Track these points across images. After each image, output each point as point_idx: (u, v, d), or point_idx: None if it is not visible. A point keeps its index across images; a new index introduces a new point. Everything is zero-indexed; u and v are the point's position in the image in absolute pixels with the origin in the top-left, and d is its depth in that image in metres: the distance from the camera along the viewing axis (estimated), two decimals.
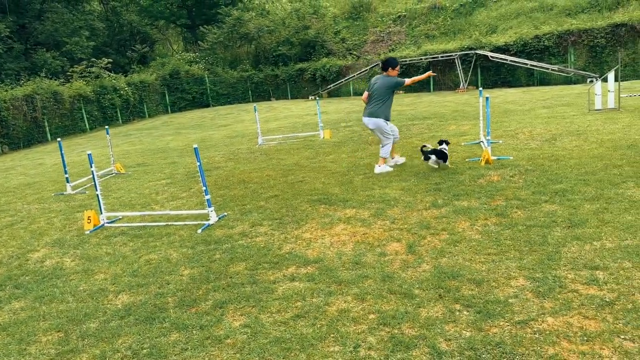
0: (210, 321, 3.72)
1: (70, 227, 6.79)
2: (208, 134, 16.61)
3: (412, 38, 28.75)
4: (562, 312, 3.32)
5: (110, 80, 25.20)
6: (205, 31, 33.09)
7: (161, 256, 5.23)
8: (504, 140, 9.04)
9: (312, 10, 32.28)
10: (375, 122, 7.75)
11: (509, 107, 14.06)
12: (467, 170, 7.14)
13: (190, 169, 9.97)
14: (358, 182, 7.36)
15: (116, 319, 3.94)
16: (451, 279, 3.91)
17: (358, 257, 4.59)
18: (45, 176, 11.48)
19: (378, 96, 7.71)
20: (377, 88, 7.71)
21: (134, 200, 7.92)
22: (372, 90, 7.76)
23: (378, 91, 7.70)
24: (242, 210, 6.62)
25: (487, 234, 4.74)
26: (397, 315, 3.48)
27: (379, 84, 7.70)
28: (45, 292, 4.65)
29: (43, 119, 21.10)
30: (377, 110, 7.71)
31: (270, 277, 4.39)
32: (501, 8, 27.22)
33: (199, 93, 30.46)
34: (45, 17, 29.80)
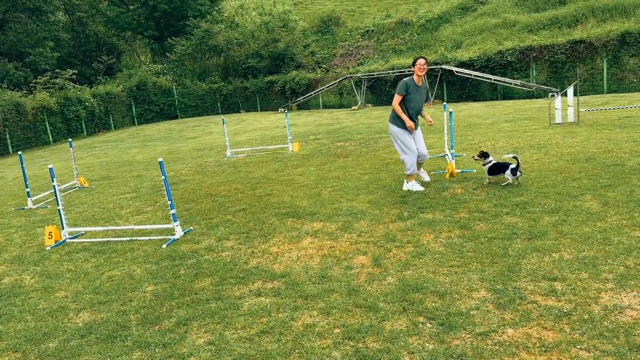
0: (174, 339, 3.67)
1: (30, 243, 6.59)
2: (175, 146, 16.43)
3: (380, 52, 29.20)
4: (522, 323, 3.40)
5: (75, 92, 24.70)
6: (174, 43, 32.87)
7: (124, 272, 5.13)
8: (467, 154, 9.24)
9: (282, 23, 32.50)
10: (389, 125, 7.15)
11: (473, 120, 14.39)
12: (432, 183, 7.27)
13: (156, 182, 9.83)
14: (326, 195, 7.40)
15: (76, 337, 3.84)
16: (415, 292, 3.96)
17: (324, 270, 4.61)
18: (5, 190, 11.13)
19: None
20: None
21: (97, 214, 7.76)
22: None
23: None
24: (209, 224, 6.56)
25: (451, 246, 4.83)
26: (362, 329, 3.50)
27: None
28: (3, 311, 4.50)
29: (4, 131, 20.50)
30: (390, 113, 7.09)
31: (236, 293, 4.36)
32: (466, 24, 27.96)
33: (167, 105, 30.16)
34: (8, 27, 29.10)
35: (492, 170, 6.79)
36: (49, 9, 31.33)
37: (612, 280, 3.84)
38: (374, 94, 25.74)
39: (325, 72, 28.90)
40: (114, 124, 27.25)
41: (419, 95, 6.83)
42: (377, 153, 10.47)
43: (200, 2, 34.53)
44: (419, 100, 6.85)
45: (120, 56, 38.73)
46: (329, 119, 19.95)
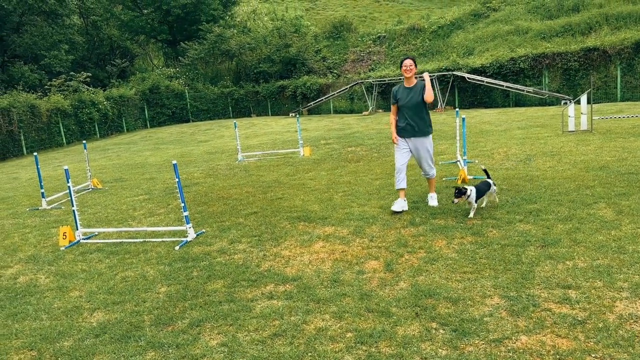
0: (187, 340, 3.69)
1: (45, 243, 6.67)
2: (187, 149, 16.53)
3: (391, 58, 29.22)
4: (536, 330, 3.38)
5: (88, 95, 24.97)
6: (186, 47, 33.14)
7: (138, 273, 5.17)
8: (479, 160, 9.22)
9: (294, 28, 32.65)
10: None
11: (485, 127, 14.34)
12: (444, 189, 7.26)
13: (169, 185, 9.91)
14: (337, 199, 7.41)
15: (91, 337, 3.88)
16: (428, 297, 3.96)
17: (336, 275, 4.61)
18: (19, 191, 11.27)
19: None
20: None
21: (110, 216, 7.83)
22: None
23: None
24: (221, 227, 6.59)
25: (464, 253, 4.81)
26: (375, 333, 3.50)
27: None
28: (19, 309, 4.55)
29: (19, 133, 20.76)
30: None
31: (248, 295, 4.38)
32: (478, 31, 27.92)
33: (179, 108, 30.38)
34: (24, 30, 29.52)
35: (478, 195, 5.89)
36: (64, 12, 31.74)
37: (627, 289, 3.81)
38: (385, 99, 25.75)
39: (336, 77, 28.98)
40: (127, 127, 27.50)
41: (409, 96, 6.33)
42: (388, 158, 10.47)
43: (213, 7, 34.81)
44: (412, 101, 6.31)
45: (133, 60, 39.12)
46: (339, 124, 19.98)
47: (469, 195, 5.78)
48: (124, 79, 33.42)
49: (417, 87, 6.36)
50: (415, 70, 6.31)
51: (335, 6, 44.92)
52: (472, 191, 5.78)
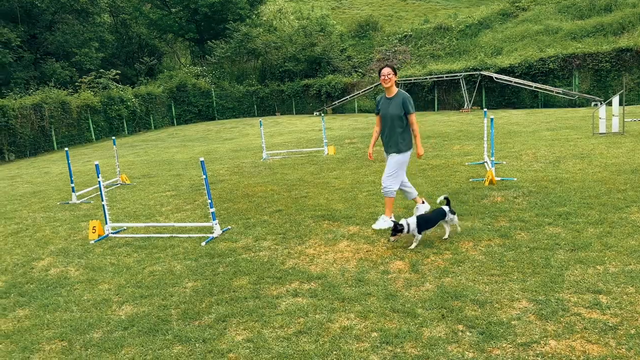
0: (213, 335, 3.74)
1: (75, 236, 6.82)
2: (213, 147, 16.70)
3: (417, 57, 29.00)
4: (565, 335, 3.32)
5: (117, 92, 25.43)
6: (213, 46, 33.46)
7: (165, 268, 5.25)
8: (507, 162, 9.08)
9: (319, 27, 32.65)
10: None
11: (513, 128, 14.13)
12: (471, 191, 7.18)
13: (195, 182, 10.02)
14: (362, 199, 7.39)
15: (119, 329, 3.96)
16: (454, 299, 3.92)
17: (361, 274, 4.61)
18: (50, 185, 11.55)
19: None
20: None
21: (138, 211, 7.96)
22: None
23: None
24: (246, 224, 6.65)
25: (491, 255, 4.75)
26: (400, 334, 3.49)
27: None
28: (50, 300, 4.67)
29: (50, 128, 21.27)
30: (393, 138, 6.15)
31: (274, 292, 4.41)
32: (507, 30, 27.50)
33: (205, 106, 30.70)
34: (56, 28, 30.21)
35: (424, 225, 5.21)
36: (95, 10, 32.38)
37: None
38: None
39: (361, 76, 28.88)
40: (154, 124, 27.91)
41: (388, 108, 5.89)
42: (412, 159, 10.37)
43: (240, 6, 35.07)
44: (389, 112, 5.86)
45: (161, 58, 39.68)
46: (364, 124, 19.92)
47: (406, 230, 5.09)
48: (152, 76, 33.93)
49: (397, 99, 5.85)
50: (394, 79, 5.83)
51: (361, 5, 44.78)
52: (409, 225, 5.10)
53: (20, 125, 19.64)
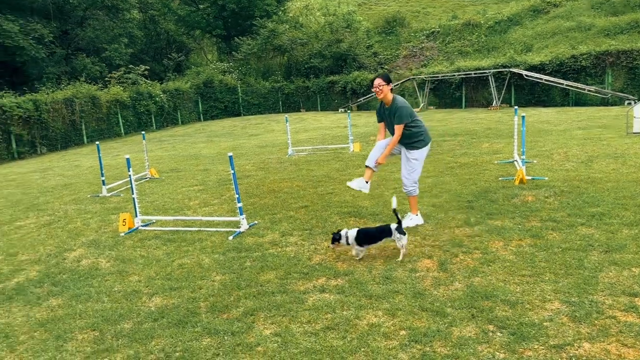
0: (241, 328, 3.76)
1: (105, 228, 6.95)
2: (239, 142, 16.82)
3: (445, 54, 28.67)
4: (600, 338, 3.24)
5: (146, 87, 25.81)
6: (240, 42, 33.67)
7: (193, 261, 5.31)
8: (538, 160, 8.91)
9: (346, 24, 32.56)
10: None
11: (543, 126, 13.85)
12: (501, 190, 7.06)
13: (222, 177, 10.11)
14: (388, 196, 7.34)
15: (149, 320, 4.02)
16: (484, 299, 3.86)
17: (388, 271, 4.58)
18: (81, 178, 11.80)
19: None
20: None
21: (167, 204, 8.07)
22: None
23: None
24: (272, 219, 6.67)
25: (522, 255, 4.67)
26: (429, 333, 3.45)
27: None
28: (82, 291, 4.77)
29: (81, 122, 21.72)
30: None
31: (301, 287, 4.41)
32: (537, 27, 26.98)
33: (231, 102, 30.94)
34: (87, 24, 30.81)
35: (364, 239, 4.88)
36: (125, 7, 32.90)
37: None
38: (437, 96, 25.32)
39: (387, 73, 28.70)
40: (182, 119, 28.26)
41: (389, 118, 5.78)
42: (440, 156, 10.29)
43: (267, 2, 35.21)
44: (391, 124, 5.74)
45: (188, 54, 40.11)
46: None
47: (344, 242, 4.90)
48: (179, 72, 34.35)
49: (392, 109, 5.67)
50: (387, 89, 5.61)
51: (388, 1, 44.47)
52: (347, 237, 4.86)
53: (52, 119, 20.10)
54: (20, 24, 25.24)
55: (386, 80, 5.67)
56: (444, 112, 22.40)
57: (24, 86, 24.38)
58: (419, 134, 5.76)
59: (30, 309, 4.46)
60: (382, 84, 5.62)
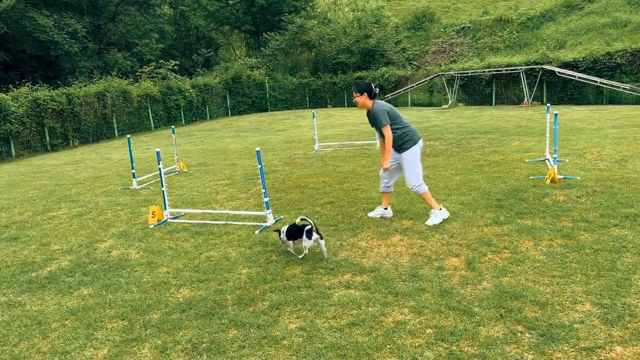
0: (267, 321, 3.79)
1: (135, 220, 7.08)
2: (266, 137, 16.91)
3: (475, 50, 28.24)
4: (633, 342, 3.16)
5: (176, 82, 26.14)
6: (268, 37, 33.80)
7: (220, 254, 5.37)
8: (570, 159, 8.71)
9: (374, 19, 32.34)
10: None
11: (575, 125, 13.53)
12: (531, 188, 6.93)
13: (249, 171, 10.18)
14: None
15: (177, 311, 4.08)
16: (513, 299, 3.80)
17: (415, 269, 4.54)
18: (112, 170, 12.04)
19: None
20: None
21: (195, 198, 8.18)
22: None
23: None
24: (298, 214, 6.66)
25: (552, 256, 4.57)
26: (456, 331, 3.42)
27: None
28: (112, 281, 4.87)
29: (112, 116, 22.15)
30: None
31: (326, 283, 4.42)
32: (571, 23, 26.33)
33: (259, 97, 31.10)
34: (119, 19, 31.37)
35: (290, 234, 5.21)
36: (156, 2, 33.37)
37: None
38: (467, 93, 24.96)
39: (415, 69, 28.43)
40: (210, 114, 28.55)
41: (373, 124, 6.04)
42: (469, 154, 10.15)
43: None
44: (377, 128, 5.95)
45: (217, 49, 40.46)
46: (417, 117, 19.61)
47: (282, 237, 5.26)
48: (208, 68, 34.68)
49: (372, 116, 5.90)
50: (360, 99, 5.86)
51: None
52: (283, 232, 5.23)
53: (84, 112, 20.55)
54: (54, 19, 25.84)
55: (360, 91, 5.84)
56: (473, 109, 22.08)
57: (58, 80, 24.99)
58: (404, 135, 5.85)
59: (62, 297, 4.58)
60: (357, 96, 5.87)
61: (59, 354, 3.58)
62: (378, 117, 5.76)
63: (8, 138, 17.41)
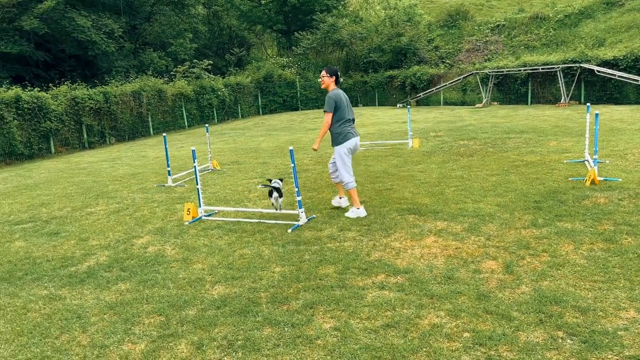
0: (301, 320, 3.79)
1: (170, 217, 7.20)
2: (297, 136, 16.95)
3: (510, 48, 27.68)
4: None
5: (209, 81, 26.48)
6: (300, 37, 33.89)
7: (254, 252, 5.41)
8: (611, 161, 8.44)
9: (406, 17, 32.07)
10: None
11: (616, 125, 13.11)
12: (571, 190, 6.74)
13: (280, 170, 10.23)
14: (449, 194, 7.18)
15: (213, 308, 4.12)
16: (553, 304, 3.70)
17: (450, 271, 4.47)
18: (147, 168, 12.28)
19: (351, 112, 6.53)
20: (348, 104, 6.54)
21: (228, 196, 8.26)
22: (349, 106, 6.52)
23: (350, 107, 6.56)
24: (330, 213, 6.68)
25: (594, 260, 4.44)
26: (494, 336, 3.34)
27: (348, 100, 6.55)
28: (149, 276, 4.96)
29: (147, 114, 22.59)
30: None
31: (359, 283, 4.39)
32: (610, 20, 25.54)
33: (290, 96, 31.23)
34: (154, 19, 31.93)
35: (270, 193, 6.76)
36: (190, 2, 33.84)
37: None
38: (501, 91, 24.49)
39: (448, 67, 28.04)
40: (242, 113, 28.83)
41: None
42: (505, 154, 9.95)
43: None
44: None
45: (249, 49, 40.79)
46: (450, 116, 19.36)
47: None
48: (240, 67, 35.00)
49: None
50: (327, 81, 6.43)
51: None
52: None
53: (120, 110, 21.02)
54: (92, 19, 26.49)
55: (330, 73, 6.43)
56: (508, 108, 21.64)
57: (95, 79, 25.62)
58: (339, 132, 6.42)
59: (100, 292, 4.68)
60: (325, 75, 6.44)
61: (98, 348, 3.66)
62: (326, 101, 6.38)
63: (48, 135, 17.95)
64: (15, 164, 16.22)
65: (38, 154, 17.48)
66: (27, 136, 17.07)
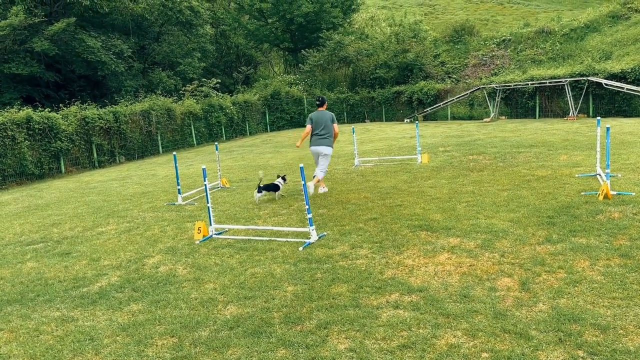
0: (316, 341, 3.74)
1: (181, 236, 7.19)
2: (305, 153, 16.97)
3: (516, 62, 27.73)
4: None
5: (217, 99, 26.70)
6: (306, 54, 34.19)
7: (265, 270, 5.37)
8: (622, 174, 8.36)
9: (412, 34, 32.29)
10: (330, 149, 9.27)
11: (626, 138, 13.02)
12: (584, 205, 6.67)
13: (290, 187, 10.22)
14: (461, 209, 7.13)
15: (226, 329, 4.08)
16: (572, 322, 3.63)
17: (466, 289, 4.41)
18: (157, 186, 12.32)
19: (327, 127, 9.16)
20: (325, 121, 9.16)
21: (238, 214, 8.25)
22: (320, 123, 9.18)
23: (327, 123, 9.17)
24: (341, 231, 6.64)
25: (611, 276, 4.37)
26: (513, 356, 3.28)
27: (326, 118, 9.18)
28: (160, 297, 4.94)
29: (157, 133, 22.76)
30: (330, 139, 9.22)
31: (374, 302, 4.34)
32: (617, 33, 25.56)
33: (297, 113, 31.39)
34: (163, 39, 32.36)
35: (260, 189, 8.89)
36: (198, 22, 34.28)
37: None
38: (509, 105, 24.48)
39: (455, 82, 28.12)
40: (250, 130, 28.98)
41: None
42: (515, 169, 9.89)
43: (333, 15, 35.57)
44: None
45: (257, 67, 41.18)
46: (458, 131, 19.33)
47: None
48: (248, 85, 35.30)
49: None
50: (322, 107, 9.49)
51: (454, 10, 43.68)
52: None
53: (130, 129, 21.19)
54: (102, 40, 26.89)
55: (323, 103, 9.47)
56: (516, 122, 21.59)
57: (105, 98, 25.91)
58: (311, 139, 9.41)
59: (112, 313, 4.66)
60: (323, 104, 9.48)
61: None
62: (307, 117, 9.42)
63: (58, 155, 18.10)
64: (26, 184, 16.35)
65: (48, 173, 17.62)
66: (38, 156, 17.22)
